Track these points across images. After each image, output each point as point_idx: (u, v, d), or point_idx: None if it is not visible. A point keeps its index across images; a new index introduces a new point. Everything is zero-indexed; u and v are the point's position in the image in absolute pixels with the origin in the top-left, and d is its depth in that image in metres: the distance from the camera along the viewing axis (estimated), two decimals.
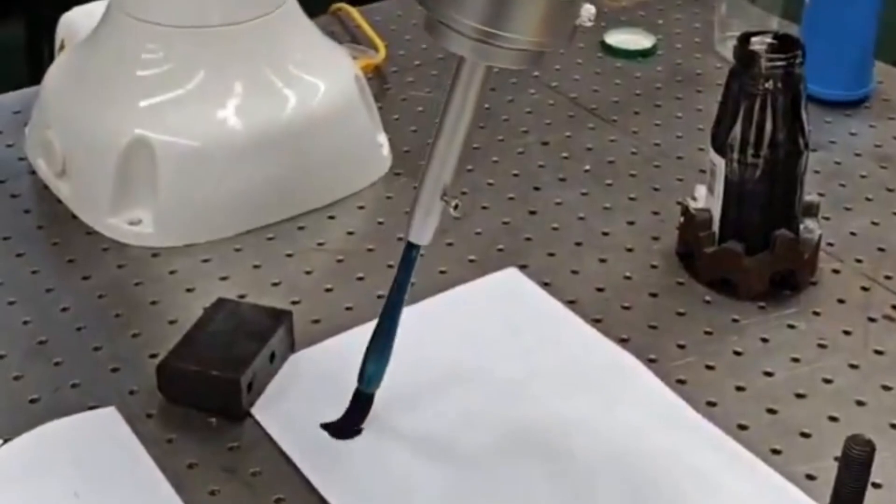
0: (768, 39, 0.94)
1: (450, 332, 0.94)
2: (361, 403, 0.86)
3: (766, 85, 0.93)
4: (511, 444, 0.85)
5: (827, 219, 1.06)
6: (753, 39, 0.94)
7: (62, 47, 1.16)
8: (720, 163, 0.96)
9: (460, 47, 0.74)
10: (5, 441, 0.85)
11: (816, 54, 1.21)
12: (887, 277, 1.01)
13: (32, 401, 0.88)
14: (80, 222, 1.05)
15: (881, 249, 1.04)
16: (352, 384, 0.88)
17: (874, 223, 1.07)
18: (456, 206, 0.79)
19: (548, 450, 0.84)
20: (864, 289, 1.00)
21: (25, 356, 0.92)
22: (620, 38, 1.33)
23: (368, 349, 0.84)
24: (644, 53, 1.31)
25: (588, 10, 0.74)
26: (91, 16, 1.10)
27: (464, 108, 0.78)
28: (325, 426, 0.85)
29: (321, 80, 1.08)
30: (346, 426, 0.85)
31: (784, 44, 0.94)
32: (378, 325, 0.84)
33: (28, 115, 1.13)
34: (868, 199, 1.10)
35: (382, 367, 0.84)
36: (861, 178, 1.13)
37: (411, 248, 0.82)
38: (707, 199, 0.99)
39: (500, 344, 0.93)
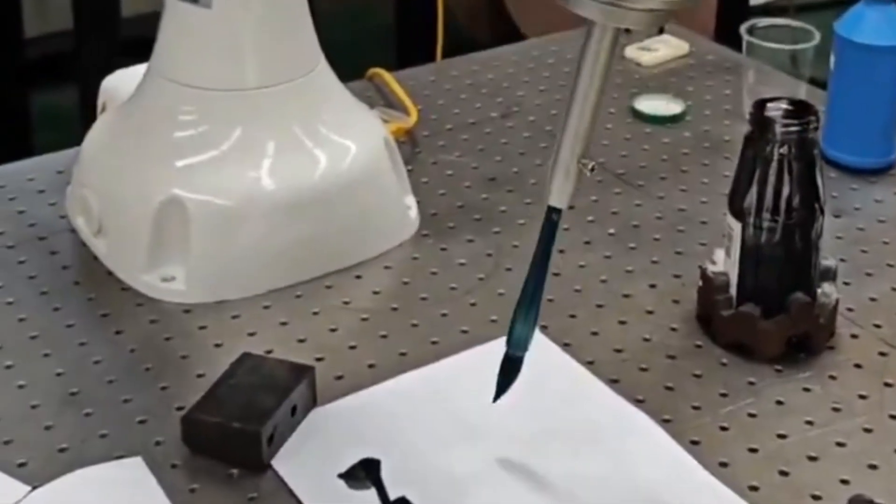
0: (784, 105, 0.96)
1: (469, 390, 0.96)
2: (510, 367, 0.89)
3: (781, 150, 0.95)
4: (524, 501, 0.86)
5: (847, 284, 1.08)
6: (769, 105, 0.96)
7: (104, 109, 1.20)
8: (737, 227, 0.98)
9: (590, 11, 0.77)
10: (34, 489, 0.87)
11: (842, 121, 1.24)
12: None
13: (62, 450, 0.91)
14: (115, 278, 1.09)
15: None
16: (371, 439, 0.90)
17: (894, 289, 1.08)
18: (593, 169, 0.84)
19: None
20: (882, 354, 1.01)
21: (58, 406, 0.95)
22: (650, 104, 1.35)
23: (515, 313, 0.88)
24: (673, 119, 1.34)
25: None
26: (132, 79, 1.14)
27: (594, 72, 0.81)
28: (343, 475, 0.87)
29: (351, 142, 1.11)
30: (498, 391, 0.89)
31: (799, 109, 0.96)
32: (524, 290, 0.88)
33: (70, 175, 1.17)
34: (889, 266, 1.11)
35: (531, 329, 0.88)
36: (883, 245, 1.14)
37: (552, 212, 0.86)
38: (725, 262, 1.00)
39: (518, 401, 0.94)
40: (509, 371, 0.89)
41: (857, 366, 0.99)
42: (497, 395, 0.89)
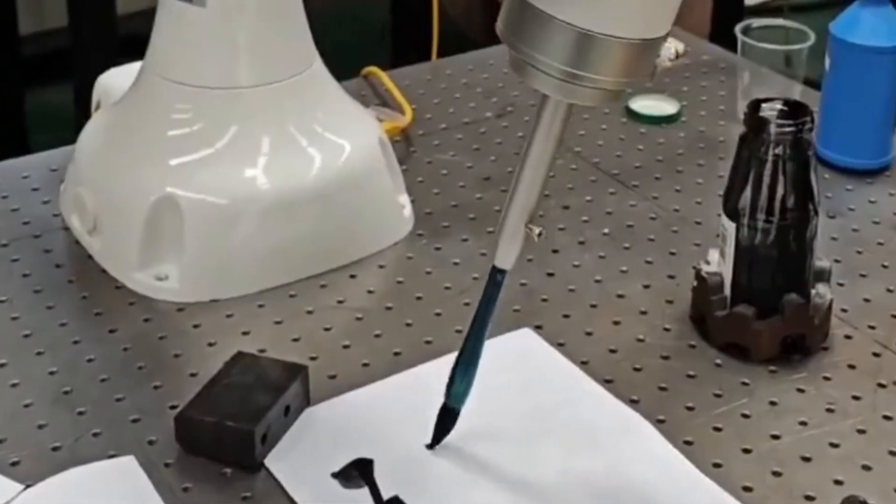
0: (778, 106, 0.96)
1: None
2: (447, 419, 0.90)
3: (776, 151, 0.95)
4: (517, 502, 0.86)
5: (842, 285, 1.08)
6: (764, 106, 0.96)
7: (98, 107, 1.20)
8: (731, 227, 0.98)
9: (545, 86, 0.79)
10: (26, 487, 0.87)
11: (836, 122, 1.24)
12: None
13: (55, 448, 0.91)
14: (109, 277, 1.08)
15: (895, 317, 1.05)
16: (364, 439, 0.90)
17: (889, 290, 1.08)
18: (540, 234, 0.85)
19: None
20: (876, 355, 1.01)
21: (51, 405, 0.95)
22: (645, 104, 1.35)
23: (455, 367, 0.89)
24: (668, 119, 1.34)
25: (668, 50, 0.79)
26: (126, 77, 1.14)
27: (547, 141, 0.83)
28: (336, 474, 0.87)
29: (346, 141, 1.11)
30: (434, 439, 0.90)
31: (794, 110, 0.96)
32: (464, 344, 0.89)
33: (64, 173, 1.17)
34: (884, 267, 1.12)
35: (469, 385, 0.89)
36: (878, 246, 1.14)
37: (496, 273, 0.87)
38: (719, 263, 1.00)
39: (512, 401, 0.94)
40: (446, 421, 0.90)
41: (851, 367, 0.99)
42: (433, 443, 0.90)
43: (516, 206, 0.85)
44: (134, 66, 1.14)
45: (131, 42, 1.22)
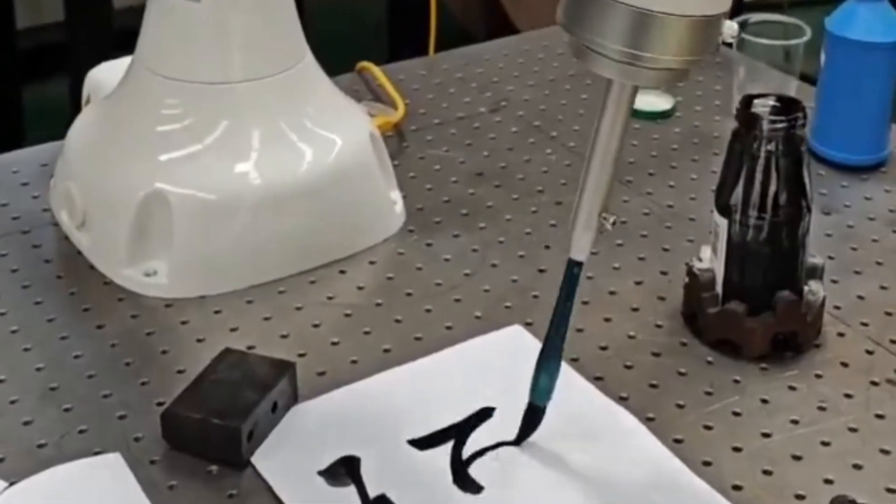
0: (771, 102, 0.95)
1: (452, 388, 0.95)
2: (534, 417, 0.89)
3: (768, 147, 0.94)
4: (505, 499, 0.86)
5: (835, 282, 1.07)
6: (756, 102, 0.95)
7: (88, 102, 1.19)
8: (723, 224, 0.97)
9: (608, 70, 0.78)
10: (11, 484, 0.87)
11: (832, 117, 1.23)
12: (893, 342, 1.01)
13: (40, 445, 0.90)
14: (97, 273, 1.08)
15: (888, 314, 1.04)
16: (351, 436, 0.90)
17: (883, 287, 1.07)
18: (614, 223, 0.85)
19: None
20: (869, 352, 1.00)
21: (37, 401, 0.94)
22: (639, 99, 1.31)
23: (539, 364, 0.88)
24: (663, 115, 1.33)
25: (731, 28, 0.78)
26: (117, 71, 1.13)
27: (615, 127, 0.82)
28: (323, 472, 0.87)
29: (337, 135, 1.10)
30: (518, 439, 0.89)
31: (786, 106, 0.95)
32: (546, 341, 0.88)
33: (54, 168, 1.16)
34: (878, 264, 1.11)
35: (552, 381, 0.88)
36: (872, 243, 1.14)
37: (573, 265, 0.86)
38: (711, 259, 0.99)
39: (501, 400, 0.94)
40: (532, 419, 0.89)
41: (844, 364, 0.98)
42: (518, 440, 0.90)
43: (588, 196, 0.85)
44: (125, 61, 1.13)
45: (128, 36, 1.21)
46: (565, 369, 0.96)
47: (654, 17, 0.75)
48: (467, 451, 0.89)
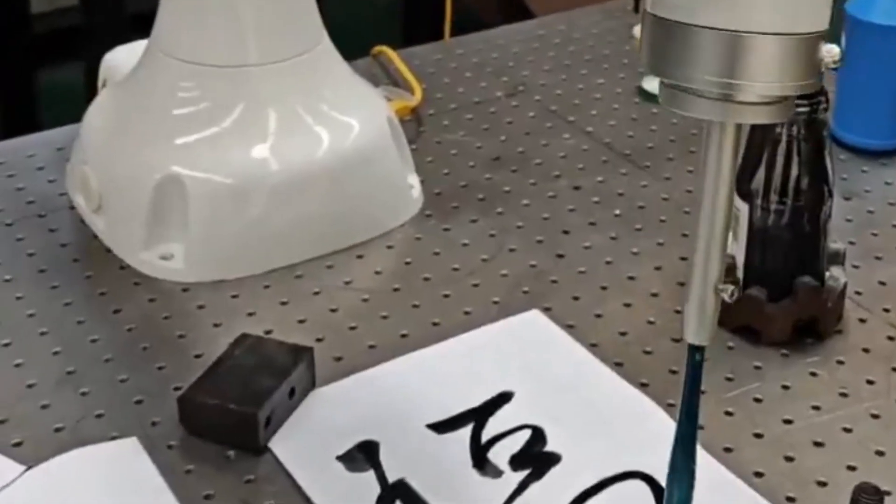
0: None
1: (470, 373, 0.94)
2: None
3: (790, 131, 0.93)
4: (524, 485, 0.85)
5: (857, 267, 1.06)
6: None
7: (104, 85, 1.19)
8: (744, 208, 0.96)
9: (704, 110, 0.65)
10: (28, 468, 0.86)
11: (852, 102, 1.22)
12: None
13: (57, 429, 0.90)
14: (113, 256, 1.07)
15: None
16: (370, 422, 0.89)
17: None
18: (732, 294, 0.70)
19: (562, 492, 0.84)
20: (891, 338, 0.99)
21: (53, 386, 0.94)
22: (658, 84, 1.33)
23: (670, 476, 0.75)
24: None
25: (831, 52, 0.65)
26: (132, 55, 1.13)
27: (720, 182, 0.68)
28: (341, 457, 0.86)
29: (354, 120, 1.09)
30: None
31: None
32: (675, 446, 0.75)
33: (70, 152, 1.16)
34: None
35: (690, 490, 0.74)
36: (893, 228, 1.13)
37: (694, 351, 0.73)
38: (731, 245, 0.99)
39: (519, 384, 0.93)
40: None
41: (865, 350, 0.98)
42: None
43: (699, 270, 0.70)
44: (140, 45, 1.12)
45: (143, 20, 1.21)
46: (585, 355, 0.96)
47: (746, 39, 0.63)
48: (486, 435, 0.89)
